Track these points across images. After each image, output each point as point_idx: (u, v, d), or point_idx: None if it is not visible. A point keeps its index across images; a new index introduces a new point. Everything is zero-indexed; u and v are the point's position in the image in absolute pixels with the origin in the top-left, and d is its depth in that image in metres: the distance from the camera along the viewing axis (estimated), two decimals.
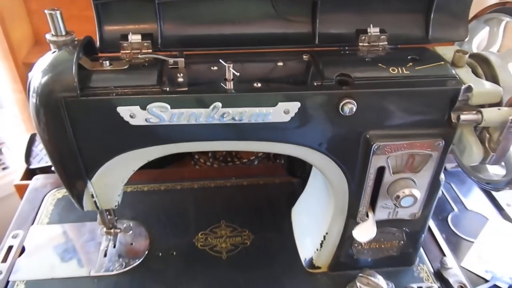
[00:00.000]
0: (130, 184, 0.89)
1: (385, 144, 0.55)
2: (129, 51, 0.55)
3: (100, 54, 0.57)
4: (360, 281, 0.66)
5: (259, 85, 0.53)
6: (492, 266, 0.73)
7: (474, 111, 0.54)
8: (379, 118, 0.55)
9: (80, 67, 0.51)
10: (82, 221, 0.79)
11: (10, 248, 0.74)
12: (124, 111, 0.50)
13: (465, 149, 0.58)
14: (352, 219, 0.64)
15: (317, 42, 0.60)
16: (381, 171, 0.58)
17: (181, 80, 0.54)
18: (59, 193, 0.86)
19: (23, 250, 0.74)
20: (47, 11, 0.50)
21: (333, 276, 0.71)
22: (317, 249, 0.71)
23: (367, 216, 0.63)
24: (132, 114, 0.51)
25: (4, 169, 1.21)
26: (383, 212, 0.63)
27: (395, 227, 0.67)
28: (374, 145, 0.55)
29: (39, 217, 0.81)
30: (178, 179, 0.91)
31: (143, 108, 0.50)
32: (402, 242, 0.69)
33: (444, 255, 0.75)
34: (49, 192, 0.87)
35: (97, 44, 0.57)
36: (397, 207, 0.60)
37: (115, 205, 0.64)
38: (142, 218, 0.80)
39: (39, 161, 0.99)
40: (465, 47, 0.67)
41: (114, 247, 0.74)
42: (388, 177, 0.58)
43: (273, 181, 0.92)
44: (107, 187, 0.60)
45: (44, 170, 0.96)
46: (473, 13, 0.64)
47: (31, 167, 0.99)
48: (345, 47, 0.61)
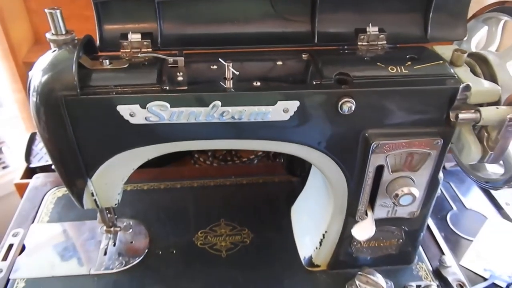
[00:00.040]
0: (130, 183, 0.89)
1: (384, 142, 0.55)
2: (129, 50, 0.56)
3: (100, 53, 0.58)
4: (359, 279, 0.67)
5: (259, 84, 0.53)
6: (490, 264, 0.73)
7: (473, 110, 0.54)
8: (378, 117, 0.55)
9: (80, 66, 0.51)
10: (82, 220, 0.79)
11: (11, 246, 0.74)
12: (124, 110, 0.51)
13: (463, 147, 0.58)
14: (351, 217, 0.64)
15: (316, 41, 0.60)
16: (380, 169, 0.58)
17: (180, 79, 0.54)
18: (59, 191, 0.87)
19: (23, 249, 0.74)
20: (47, 10, 0.50)
21: (332, 274, 0.72)
22: (317, 248, 0.71)
23: (366, 214, 0.63)
24: (132, 113, 0.51)
25: (4, 168, 1.21)
26: (382, 210, 0.63)
27: (394, 226, 0.67)
28: (373, 143, 0.55)
29: (39, 216, 0.81)
30: (178, 178, 0.91)
31: (143, 106, 0.50)
32: (401, 241, 0.69)
33: (443, 253, 0.75)
34: (49, 191, 0.87)
35: (97, 43, 0.57)
36: (396, 205, 0.60)
37: (115, 204, 0.64)
38: (142, 217, 0.80)
39: (39, 160, 1.00)
40: (463, 46, 0.67)
41: (114, 245, 0.74)
42: (387, 175, 0.59)
43: (272, 180, 0.92)
44: (107, 185, 0.60)
45: (44, 169, 0.97)
46: (472, 12, 0.64)
47: (31, 166, 0.99)
48: (344, 46, 0.61)
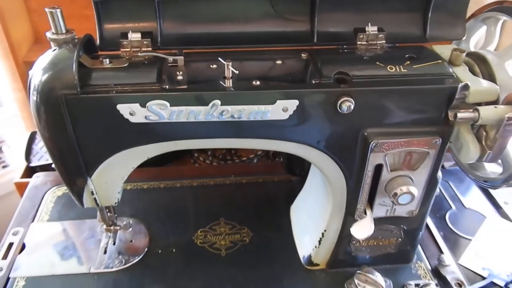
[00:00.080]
0: (130, 182, 0.89)
1: (382, 141, 0.55)
2: (129, 49, 0.56)
3: (100, 52, 0.58)
4: (358, 278, 0.67)
5: (258, 83, 0.53)
6: (489, 263, 0.73)
7: (471, 109, 0.54)
8: (377, 116, 0.55)
9: (80, 65, 0.51)
10: (82, 219, 0.79)
11: (11, 245, 0.75)
12: (124, 109, 0.51)
13: (462, 147, 0.58)
14: (350, 216, 0.65)
15: (315, 40, 0.61)
16: (379, 168, 0.58)
17: (180, 78, 0.54)
18: (59, 190, 0.87)
19: (23, 247, 0.74)
20: (47, 9, 0.51)
21: (331, 273, 0.72)
22: (316, 246, 0.71)
23: (365, 213, 0.63)
24: (132, 112, 0.51)
25: (4, 167, 1.21)
26: (381, 209, 0.63)
27: (393, 225, 0.67)
28: (372, 142, 0.55)
29: (39, 215, 0.81)
30: (178, 177, 0.92)
31: (143, 105, 0.51)
32: (400, 240, 0.69)
33: (442, 252, 0.75)
34: (49, 190, 0.87)
35: (97, 42, 0.58)
36: (394, 204, 0.61)
37: (115, 202, 0.64)
38: (142, 216, 0.81)
39: (39, 159, 1.00)
40: (462, 46, 0.68)
41: (114, 244, 0.75)
42: (385, 174, 0.59)
43: (272, 179, 0.92)
44: (107, 184, 0.61)
45: (44, 168, 0.97)
46: (471, 12, 0.64)
47: (31, 165, 0.99)
48: (343, 46, 0.61)
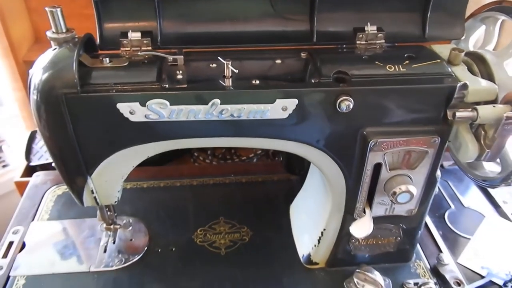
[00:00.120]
0: (130, 181, 0.89)
1: (381, 140, 0.56)
2: (128, 48, 0.56)
3: (100, 52, 0.58)
4: (358, 277, 0.67)
5: (258, 82, 0.53)
6: (488, 262, 0.74)
7: (470, 109, 0.54)
8: (376, 115, 0.55)
9: (81, 64, 0.52)
10: (82, 218, 0.79)
11: (11, 244, 0.75)
12: (124, 108, 0.51)
13: (461, 146, 0.58)
14: (349, 215, 0.65)
15: (315, 40, 0.61)
16: (378, 167, 0.59)
17: (180, 77, 0.54)
18: (59, 189, 0.87)
19: (23, 246, 0.74)
20: (47, 9, 0.51)
21: (330, 272, 0.72)
22: (315, 245, 0.72)
23: (364, 212, 0.63)
24: (132, 111, 0.51)
25: (4, 166, 1.21)
26: (380, 208, 0.63)
27: (392, 224, 0.67)
28: (371, 141, 0.56)
29: (39, 214, 0.81)
30: (178, 176, 0.92)
31: (143, 104, 0.51)
32: (399, 238, 0.70)
33: (441, 251, 0.75)
34: (49, 189, 0.87)
35: (97, 41, 0.58)
36: (393, 203, 0.61)
37: (115, 201, 0.64)
38: (142, 215, 0.81)
39: (39, 158, 1.00)
40: (461, 45, 0.68)
41: (114, 243, 0.75)
42: (384, 173, 0.59)
43: (271, 178, 0.92)
44: (107, 183, 0.61)
45: (44, 167, 0.97)
46: (470, 11, 0.65)
47: (31, 164, 0.99)
48: (342, 45, 0.61)
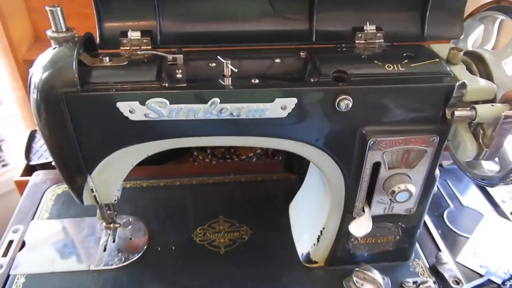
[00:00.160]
0: (130, 180, 0.89)
1: (380, 139, 0.56)
2: (128, 47, 0.56)
3: (100, 51, 0.58)
4: (357, 275, 0.67)
5: (257, 81, 0.53)
6: (486, 261, 0.74)
7: (468, 108, 0.54)
8: (375, 114, 0.56)
9: (81, 63, 0.52)
10: (82, 216, 0.80)
11: (11, 242, 0.75)
12: (123, 107, 0.51)
13: (459, 145, 0.58)
14: (348, 214, 0.65)
15: (314, 39, 0.61)
16: (376, 166, 0.59)
17: (179, 76, 0.54)
18: (59, 188, 0.87)
19: (23, 245, 0.74)
20: (47, 8, 0.51)
21: (330, 270, 0.72)
22: (314, 244, 0.72)
23: (363, 211, 0.64)
24: (132, 110, 0.51)
25: (4, 166, 1.21)
26: (379, 207, 0.64)
27: (391, 222, 0.68)
28: (369, 140, 0.56)
29: (39, 213, 0.82)
30: (177, 175, 0.92)
31: (143, 103, 0.51)
32: (398, 237, 0.70)
33: (440, 250, 0.76)
34: (49, 188, 0.87)
35: (97, 40, 0.58)
36: (392, 202, 0.61)
37: (115, 200, 0.65)
38: (141, 214, 0.81)
39: (39, 157, 1.00)
40: (460, 44, 0.68)
41: (114, 241, 0.75)
42: (383, 172, 0.59)
43: (271, 178, 0.92)
44: (107, 181, 0.61)
45: (44, 166, 0.97)
46: (468, 11, 0.65)
47: (31, 163, 0.99)
48: (341, 44, 0.61)
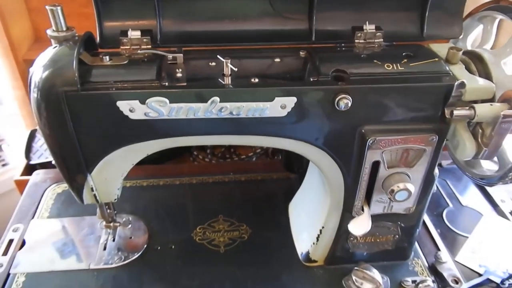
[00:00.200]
0: (130, 179, 0.89)
1: (380, 138, 0.56)
2: (128, 47, 0.56)
3: (100, 50, 0.58)
4: (356, 274, 0.68)
5: (257, 80, 0.53)
6: (485, 260, 0.74)
7: (467, 107, 0.54)
8: (374, 113, 0.56)
9: (81, 62, 0.52)
10: (82, 215, 0.80)
11: (11, 241, 0.75)
12: (123, 105, 0.51)
13: (458, 144, 0.58)
14: (347, 213, 0.65)
15: (313, 39, 0.61)
16: (376, 165, 0.59)
17: (179, 75, 0.54)
18: (59, 187, 0.87)
19: (23, 244, 0.75)
20: (48, 7, 0.51)
21: (329, 269, 0.72)
22: (314, 243, 0.72)
23: (363, 210, 0.64)
24: (132, 108, 0.51)
25: (4, 165, 1.21)
26: (378, 206, 0.64)
27: (390, 221, 0.68)
28: (369, 139, 0.56)
29: (39, 212, 0.82)
30: (177, 174, 0.92)
31: (143, 102, 0.51)
32: (397, 236, 0.70)
33: (439, 249, 0.76)
34: (49, 187, 0.88)
35: (97, 40, 0.58)
36: (391, 201, 0.61)
37: (115, 199, 0.65)
38: (141, 213, 0.81)
39: (39, 156, 1.00)
40: (459, 44, 0.68)
41: (114, 240, 0.75)
42: (383, 171, 0.59)
43: (271, 177, 0.93)
44: (107, 180, 0.61)
45: (44, 166, 0.97)
46: (468, 11, 0.65)
47: (31, 162, 0.99)
48: (341, 44, 0.61)
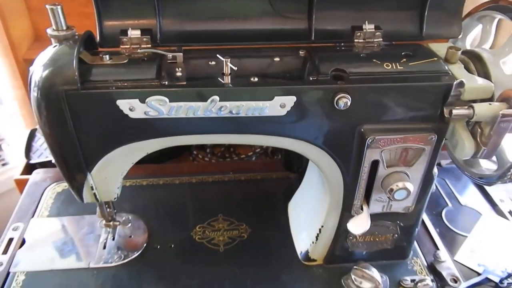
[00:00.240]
0: (129, 179, 0.89)
1: (379, 138, 0.56)
2: (128, 46, 0.56)
3: (100, 49, 0.58)
4: (355, 273, 0.68)
5: (256, 79, 0.53)
6: (484, 259, 0.74)
7: (466, 106, 0.54)
8: (373, 113, 0.56)
9: (81, 61, 0.52)
10: (82, 214, 0.80)
11: (11, 240, 0.75)
12: (123, 104, 0.51)
13: (457, 143, 0.59)
14: (347, 212, 0.65)
15: (313, 38, 0.61)
16: (375, 164, 0.59)
17: (179, 74, 0.54)
18: (59, 187, 0.87)
19: (23, 242, 0.75)
20: (48, 6, 0.51)
21: (328, 268, 0.72)
22: (313, 242, 0.72)
23: (362, 209, 0.64)
24: (132, 107, 0.52)
25: (4, 165, 1.21)
26: (377, 205, 0.64)
27: (389, 221, 0.68)
28: (368, 138, 0.56)
29: (39, 210, 0.82)
30: (177, 173, 0.92)
31: (142, 101, 0.51)
32: (396, 236, 0.70)
33: (438, 249, 0.76)
34: (49, 186, 0.88)
35: (97, 39, 0.58)
36: (391, 200, 0.61)
37: (115, 198, 0.65)
38: (141, 212, 0.81)
39: (39, 156, 1.00)
40: (458, 44, 0.68)
41: (113, 239, 0.75)
42: (382, 170, 0.59)
43: (270, 176, 0.93)
44: (106, 179, 0.61)
45: (44, 165, 0.97)
46: (467, 10, 0.65)
47: (31, 162, 0.99)
48: (340, 43, 0.62)
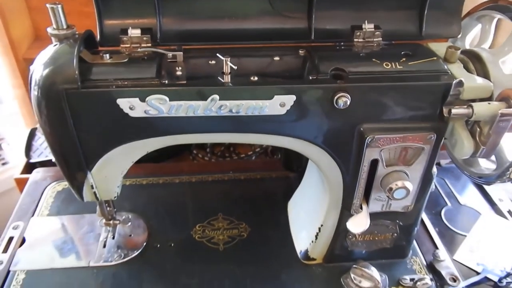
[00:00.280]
0: (129, 178, 0.90)
1: (378, 137, 0.56)
2: (128, 45, 0.57)
3: (100, 48, 0.58)
4: (354, 272, 0.68)
5: (256, 78, 0.53)
6: (483, 259, 0.74)
7: (465, 106, 0.55)
8: (373, 112, 0.56)
9: (81, 60, 0.52)
10: (82, 213, 0.80)
11: (11, 239, 0.75)
12: (123, 103, 0.51)
13: (456, 142, 0.59)
14: (346, 211, 0.65)
15: (313, 37, 0.61)
16: (374, 163, 0.59)
17: (179, 73, 0.54)
18: (59, 185, 0.87)
19: (23, 241, 0.75)
20: (48, 5, 0.51)
21: (328, 267, 0.73)
22: (312, 241, 0.72)
23: (361, 208, 0.64)
24: (132, 106, 0.52)
25: (4, 164, 1.21)
26: (376, 204, 0.64)
27: (388, 220, 0.68)
28: (367, 138, 0.56)
29: (39, 209, 0.82)
30: (177, 173, 0.92)
31: (142, 100, 0.51)
32: (396, 235, 0.70)
33: (437, 248, 0.76)
34: (49, 185, 0.88)
35: (97, 38, 0.58)
36: (390, 199, 0.61)
37: (115, 196, 0.65)
38: (141, 211, 0.81)
39: (39, 155, 1.00)
40: (458, 43, 0.69)
41: (113, 238, 0.75)
42: (381, 169, 0.60)
43: (270, 176, 0.93)
44: (107, 178, 0.61)
45: (44, 164, 0.97)
46: (466, 10, 0.65)
47: (31, 161, 1.00)
48: (340, 43, 0.62)
